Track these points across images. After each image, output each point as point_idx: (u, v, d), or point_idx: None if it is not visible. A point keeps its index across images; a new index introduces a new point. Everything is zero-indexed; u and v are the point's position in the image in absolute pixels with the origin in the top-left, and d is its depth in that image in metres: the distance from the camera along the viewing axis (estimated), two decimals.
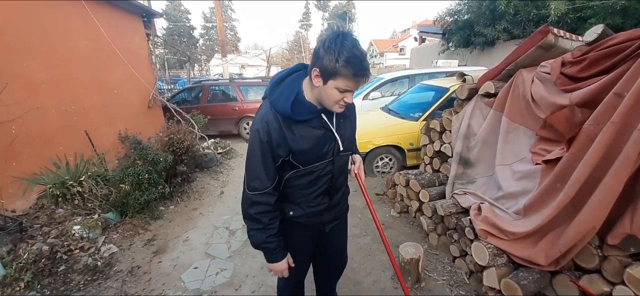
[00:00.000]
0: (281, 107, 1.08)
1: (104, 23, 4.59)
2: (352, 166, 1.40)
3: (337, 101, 1.06)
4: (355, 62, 0.97)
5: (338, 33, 0.99)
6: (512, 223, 1.97)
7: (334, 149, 1.20)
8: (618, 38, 1.73)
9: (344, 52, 0.96)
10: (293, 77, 1.16)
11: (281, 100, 1.09)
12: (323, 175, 1.22)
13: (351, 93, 1.06)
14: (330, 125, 1.17)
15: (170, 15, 37.42)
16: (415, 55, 14.04)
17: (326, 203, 1.30)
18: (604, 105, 1.62)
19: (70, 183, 2.87)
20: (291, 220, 1.29)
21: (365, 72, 1.01)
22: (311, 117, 1.12)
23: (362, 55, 0.99)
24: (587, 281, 1.63)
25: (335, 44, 0.96)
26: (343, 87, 1.01)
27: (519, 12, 6.78)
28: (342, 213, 1.47)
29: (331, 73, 0.99)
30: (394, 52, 33.40)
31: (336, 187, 1.31)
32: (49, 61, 3.79)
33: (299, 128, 1.11)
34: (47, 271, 2.33)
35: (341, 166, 1.28)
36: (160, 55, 13.02)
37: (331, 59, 0.97)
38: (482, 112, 2.62)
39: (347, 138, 1.25)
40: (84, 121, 4.20)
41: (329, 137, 1.18)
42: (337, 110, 1.11)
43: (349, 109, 1.28)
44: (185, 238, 3.00)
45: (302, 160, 1.15)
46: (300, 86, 1.13)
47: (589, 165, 1.57)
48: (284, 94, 1.10)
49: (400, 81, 6.55)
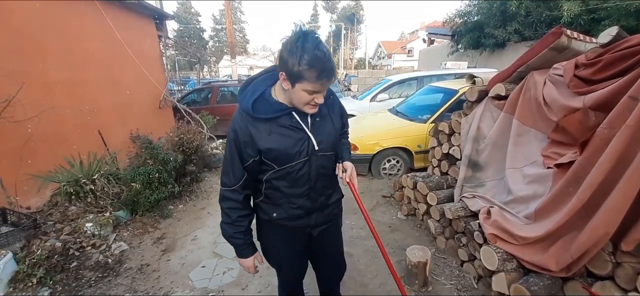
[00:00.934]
0: (244, 106, 1.10)
1: (118, 25, 4.69)
2: (343, 174, 1.33)
3: (308, 102, 1.06)
4: (317, 64, 0.95)
5: (299, 34, 0.97)
6: (523, 227, 1.94)
7: (308, 148, 1.16)
8: (633, 40, 1.69)
9: (304, 56, 0.94)
10: (261, 78, 1.18)
11: (245, 100, 1.11)
12: (300, 176, 1.19)
13: (321, 94, 1.06)
14: (302, 124, 1.14)
15: (181, 17, 38.01)
16: (424, 57, 13.94)
17: (308, 205, 1.26)
18: (619, 108, 1.58)
19: (84, 181, 2.94)
20: (276, 223, 1.28)
21: (329, 74, 0.99)
22: (278, 115, 1.10)
23: (324, 56, 0.97)
24: (600, 288, 1.59)
25: (296, 47, 0.95)
26: (310, 88, 1.00)
27: (531, 13, 6.67)
28: (331, 217, 1.41)
29: (296, 76, 0.98)
30: (402, 54, 33.25)
31: (317, 188, 1.25)
32: (64, 62, 3.89)
33: (266, 126, 1.10)
34: (59, 268, 2.39)
35: (320, 167, 1.22)
36: (171, 57, 13.23)
37: (294, 62, 0.95)
38: (492, 114, 2.58)
39: (325, 137, 1.20)
40: (97, 121, 4.30)
41: (301, 137, 1.14)
42: (310, 111, 1.11)
43: (329, 106, 1.25)
44: (194, 237, 3.04)
45: (273, 159, 1.14)
46: (269, 86, 1.15)
47: (603, 169, 1.54)
48: (248, 94, 1.12)
49: (408, 83, 6.53)
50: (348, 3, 46.42)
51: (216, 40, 44.71)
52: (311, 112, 1.12)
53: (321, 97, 1.07)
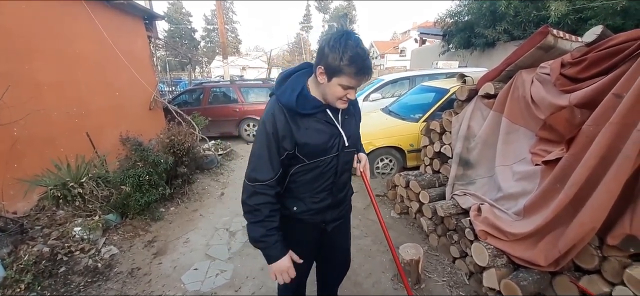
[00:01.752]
0: (286, 100, 1.12)
1: (106, 25, 4.61)
2: (358, 164, 1.43)
3: (340, 97, 1.10)
4: (358, 61, 1.01)
5: (342, 32, 1.03)
6: (512, 224, 1.97)
7: (339, 144, 1.23)
8: (617, 39, 1.73)
9: (347, 51, 1.00)
10: (298, 74, 1.20)
11: (286, 94, 1.13)
12: (327, 170, 1.24)
13: (353, 90, 1.11)
14: (335, 120, 1.21)
15: (172, 17, 37.59)
16: (416, 57, 14.05)
17: (329, 200, 1.31)
18: (603, 106, 1.62)
19: (71, 184, 2.88)
20: (294, 217, 1.30)
21: (367, 71, 1.05)
22: (315, 111, 1.15)
23: (364, 54, 1.03)
24: (587, 282, 1.62)
25: (340, 43, 1.01)
26: (346, 84, 1.06)
27: (520, 13, 6.78)
28: (344, 213, 1.47)
29: (335, 71, 1.04)
30: (394, 54, 33.40)
31: (339, 183, 1.32)
32: (51, 63, 3.81)
33: (304, 121, 1.15)
34: (47, 273, 2.34)
35: (345, 163, 1.30)
36: (162, 57, 13.07)
37: (335, 57, 1.01)
38: (482, 113, 2.62)
39: (351, 134, 1.27)
40: (85, 123, 4.21)
41: (334, 132, 1.21)
42: (341, 106, 1.15)
43: (354, 107, 1.33)
44: (186, 239, 3.01)
45: (307, 153, 1.17)
46: (305, 82, 1.18)
47: (588, 165, 1.57)
48: (289, 89, 1.15)
49: (400, 82, 6.56)
50: (340, 3, 46.54)
51: (208, 41, 44.34)
52: (342, 107, 1.16)
53: (353, 93, 1.12)
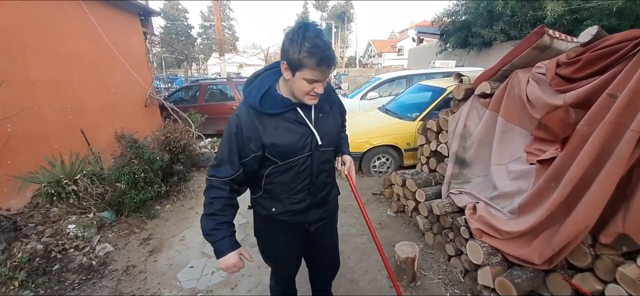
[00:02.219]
0: (252, 101, 1.11)
1: (101, 22, 4.57)
2: (342, 167, 1.39)
3: (308, 92, 1.07)
4: (317, 52, 0.98)
5: (301, 24, 1.01)
6: (507, 222, 1.98)
7: (312, 143, 1.18)
8: (612, 39, 1.74)
9: (306, 43, 0.97)
10: (267, 74, 1.19)
11: (252, 95, 1.12)
12: (302, 171, 1.21)
13: (320, 84, 1.07)
14: (306, 119, 1.16)
15: (168, 14, 37.31)
16: (413, 56, 14.08)
17: (308, 200, 1.28)
18: (598, 106, 1.63)
19: (65, 182, 2.86)
20: (275, 218, 1.29)
21: (328, 61, 1.01)
22: (284, 110, 1.12)
23: (324, 44, 0.99)
24: (580, 280, 1.64)
25: (298, 35, 0.98)
26: (310, 77, 1.02)
27: (516, 13, 6.82)
28: (328, 214, 1.43)
29: (297, 64, 1.01)
30: (392, 53, 33.50)
31: (318, 183, 1.28)
32: (45, 59, 3.76)
33: (272, 121, 1.12)
34: (41, 270, 2.32)
35: (322, 162, 1.25)
36: (158, 54, 12.98)
37: (295, 51, 0.99)
38: (478, 112, 2.63)
39: (327, 133, 1.22)
40: (80, 120, 4.18)
41: (305, 131, 1.17)
42: (310, 102, 1.11)
43: (332, 105, 1.28)
44: (182, 237, 3.00)
45: (278, 154, 1.15)
46: (274, 81, 1.16)
47: (583, 165, 1.58)
48: (255, 89, 1.13)
49: (397, 81, 6.58)
50: (338, 2, 46.37)
51: (204, 38, 44.08)
52: (312, 103, 1.12)
53: (321, 87, 1.08)
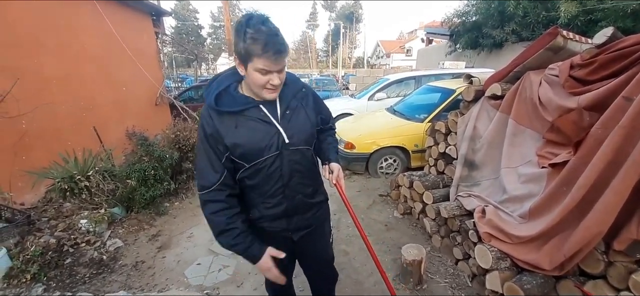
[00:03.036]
0: (209, 100, 1.07)
1: (115, 21, 4.66)
2: (330, 175, 1.28)
3: (263, 85, 1.01)
4: (260, 37, 0.93)
5: (246, 15, 0.97)
6: (517, 226, 1.95)
7: (278, 142, 1.10)
8: (628, 41, 1.70)
9: (249, 30, 0.93)
10: (227, 74, 1.15)
11: (209, 95, 1.08)
12: (272, 173, 1.13)
13: (275, 74, 1.00)
14: (270, 117, 1.09)
15: (179, 14, 37.85)
16: (422, 57, 13.96)
17: (284, 204, 1.20)
18: (613, 109, 1.59)
19: (78, 177, 2.92)
20: (256, 225, 1.24)
21: (274, 46, 0.94)
22: (244, 108, 1.07)
23: (269, 30, 0.94)
24: (592, 287, 1.60)
25: (241, 25, 0.95)
26: (261, 66, 0.96)
27: (529, 13, 6.69)
28: (314, 221, 1.33)
29: (245, 55, 0.96)
30: (400, 53, 33.27)
31: (292, 186, 1.18)
32: (60, 58, 3.86)
33: (232, 120, 1.07)
34: (53, 264, 2.38)
35: (294, 162, 1.16)
36: (168, 54, 13.16)
37: (240, 41, 0.95)
38: (488, 114, 2.59)
39: (296, 130, 1.13)
40: (92, 117, 4.27)
41: (270, 130, 1.09)
42: (269, 96, 1.06)
43: (302, 100, 1.20)
44: (190, 234, 3.03)
45: (241, 155, 1.09)
46: (235, 81, 1.11)
47: (596, 169, 1.55)
48: (212, 88, 1.10)
49: (406, 82, 6.54)
50: (347, 2, 46.38)
51: (214, 38, 44.58)
52: (270, 97, 1.07)
53: (276, 78, 1.01)
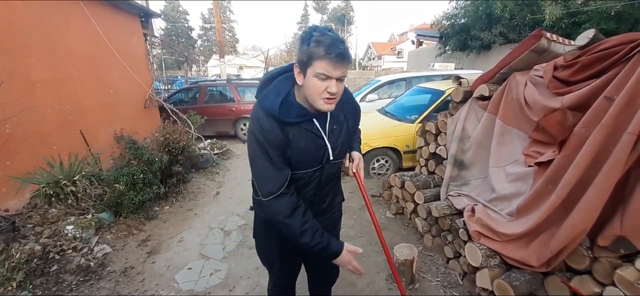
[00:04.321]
0: (269, 106, 1.03)
1: (102, 23, 4.58)
2: (350, 164, 1.32)
3: (321, 93, 0.98)
4: (324, 40, 0.93)
5: (312, 26, 0.99)
6: (505, 224, 1.99)
7: (324, 157, 1.13)
8: (609, 42, 1.75)
9: (314, 35, 0.94)
10: (283, 77, 1.10)
11: (269, 100, 1.04)
12: (309, 182, 1.16)
13: (333, 81, 0.96)
14: (321, 131, 1.11)
15: (169, 15, 37.39)
16: (413, 58, 14.13)
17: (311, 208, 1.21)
18: (595, 109, 1.64)
19: (64, 182, 2.85)
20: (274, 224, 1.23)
21: (337, 49, 0.92)
22: (300, 120, 1.06)
23: (334, 35, 0.95)
24: (578, 282, 1.64)
25: (307, 33, 0.97)
26: (320, 71, 0.94)
27: (515, 16, 6.86)
28: (329, 222, 1.37)
29: (307, 60, 0.95)
30: (391, 55, 33.54)
31: (322, 194, 1.24)
32: (45, 60, 3.76)
33: (291, 130, 1.06)
34: (39, 271, 2.31)
35: (330, 174, 1.21)
36: (158, 56, 12.98)
37: (304, 47, 0.95)
38: (476, 114, 2.64)
39: (339, 145, 1.17)
40: (79, 120, 4.17)
41: (319, 144, 1.11)
42: (326, 107, 1.01)
43: (346, 115, 1.20)
44: (180, 238, 2.99)
45: (290, 164, 1.10)
46: (292, 87, 1.08)
47: (580, 167, 1.59)
48: (272, 93, 1.06)
49: (397, 84, 6.59)
50: (338, 4, 46.50)
51: (205, 40, 44.15)
52: (327, 108, 1.02)
53: (335, 86, 0.97)
